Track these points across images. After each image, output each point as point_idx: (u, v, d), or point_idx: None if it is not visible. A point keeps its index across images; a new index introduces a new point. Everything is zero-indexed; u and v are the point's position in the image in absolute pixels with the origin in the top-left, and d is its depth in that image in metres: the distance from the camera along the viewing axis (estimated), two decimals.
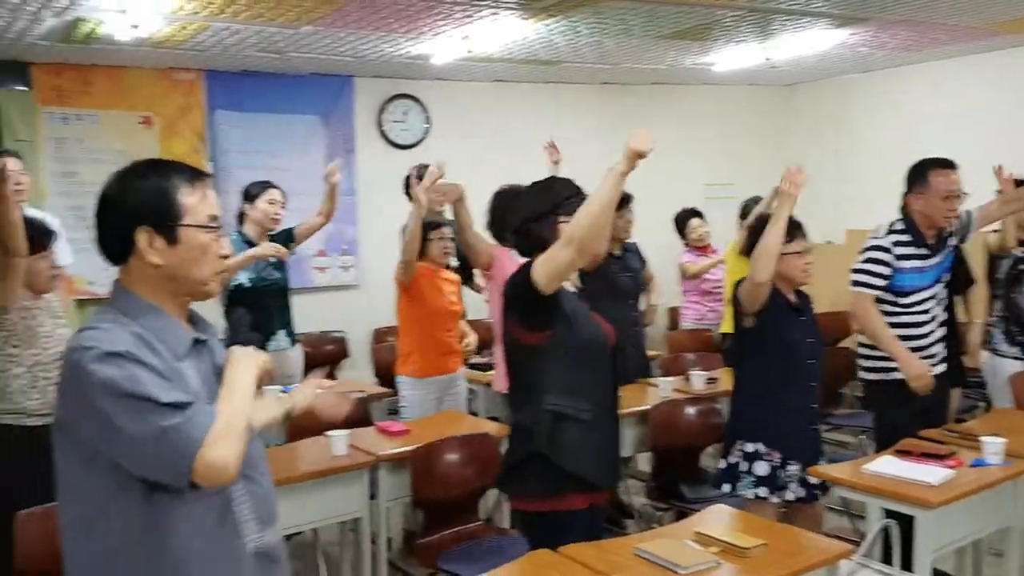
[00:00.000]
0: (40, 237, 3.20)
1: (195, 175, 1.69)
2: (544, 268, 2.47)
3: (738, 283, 3.30)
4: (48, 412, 3.09)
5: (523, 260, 2.68)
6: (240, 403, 1.61)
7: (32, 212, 4.13)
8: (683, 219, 6.00)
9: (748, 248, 3.36)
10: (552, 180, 2.81)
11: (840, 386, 5.40)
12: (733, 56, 5.99)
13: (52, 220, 3.96)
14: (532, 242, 2.63)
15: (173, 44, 4.94)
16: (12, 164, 4.24)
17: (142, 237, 1.61)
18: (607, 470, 2.66)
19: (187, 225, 1.64)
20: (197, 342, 1.69)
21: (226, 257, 1.72)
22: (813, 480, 3.20)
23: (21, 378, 3.09)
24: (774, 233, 3.10)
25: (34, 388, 3.10)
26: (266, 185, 4.42)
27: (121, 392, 1.49)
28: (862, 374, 3.78)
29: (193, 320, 1.75)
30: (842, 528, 4.05)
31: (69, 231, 4.71)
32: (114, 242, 1.65)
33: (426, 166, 4.65)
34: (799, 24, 5.10)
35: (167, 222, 1.63)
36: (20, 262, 3.05)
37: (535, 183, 2.82)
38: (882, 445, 3.45)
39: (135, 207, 1.62)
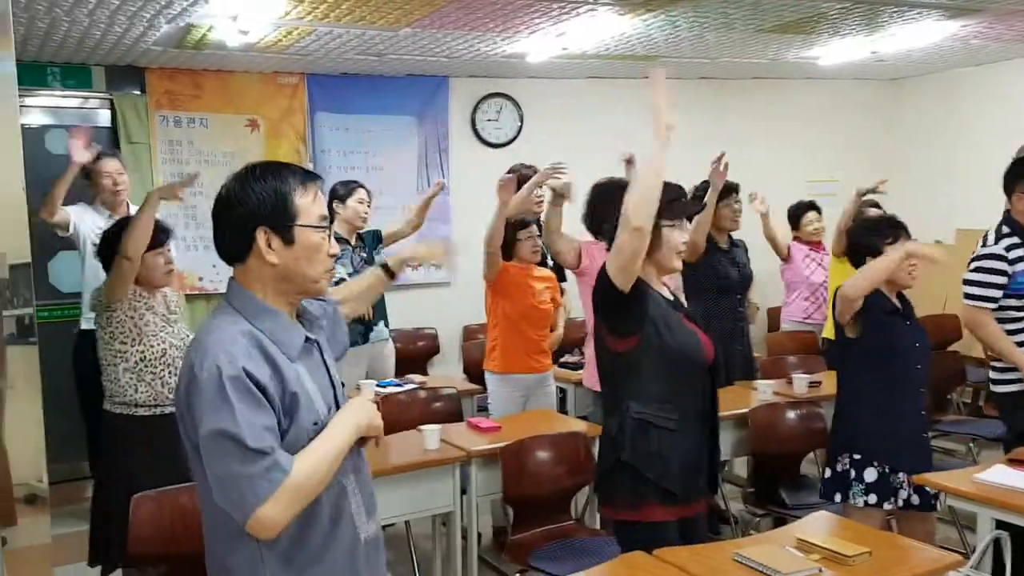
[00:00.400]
0: (158, 234, 3.33)
1: (307, 177, 1.75)
2: (613, 259, 2.49)
3: (837, 290, 3.21)
4: (155, 403, 3.23)
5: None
6: (321, 463, 1.64)
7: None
8: (799, 212, 5.69)
9: (843, 250, 3.29)
10: None
11: (948, 391, 5.18)
12: (838, 50, 5.80)
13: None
14: None
15: (279, 49, 5.09)
16: (112, 165, 4.48)
17: (261, 237, 1.67)
18: (692, 482, 2.58)
19: (302, 225, 1.69)
20: (308, 340, 1.75)
21: (334, 256, 1.77)
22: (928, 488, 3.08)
23: (129, 372, 3.23)
24: (886, 264, 3.06)
25: (141, 382, 3.24)
26: (353, 185, 4.54)
27: (217, 428, 1.56)
28: (994, 387, 3.65)
29: (299, 313, 1.81)
30: (950, 539, 3.88)
31: (181, 230, 4.92)
32: (233, 242, 1.71)
33: (527, 166, 4.69)
34: (908, 16, 4.90)
35: (284, 223, 1.68)
36: (128, 265, 3.19)
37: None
38: None
39: (254, 208, 1.68)
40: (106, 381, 3.31)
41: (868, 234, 3.25)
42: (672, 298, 2.70)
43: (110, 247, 3.28)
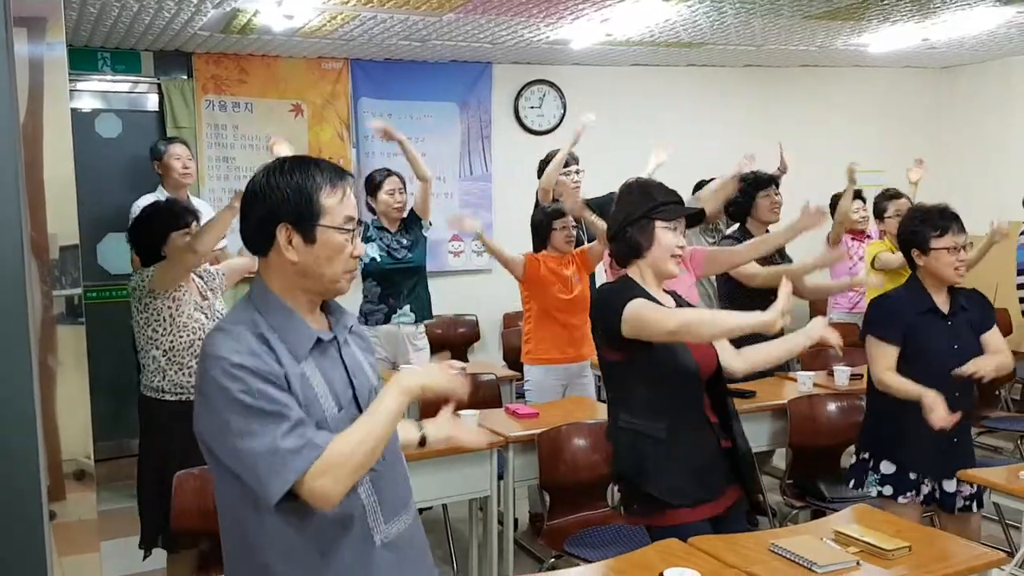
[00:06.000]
0: (185, 215, 3.34)
1: (336, 176, 1.71)
2: (635, 326, 2.45)
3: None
4: (180, 391, 3.28)
5: None
6: (368, 433, 1.61)
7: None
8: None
9: (902, 244, 3.15)
10: (648, 184, 2.70)
11: (996, 388, 5.07)
12: (888, 37, 5.68)
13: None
14: (629, 246, 2.57)
15: (323, 34, 5.13)
16: (181, 149, 4.72)
17: (282, 233, 1.65)
18: (692, 488, 2.50)
19: (325, 226, 1.66)
20: (320, 341, 1.70)
21: (357, 257, 1.73)
22: (964, 489, 3.03)
23: (158, 360, 3.27)
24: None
25: (169, 370, 3.27)
26: (384, 175, 4.54)
27: (242, 404, 1.55)
28: None
29: (330, 310, 1.78)
30: (994, 537, 3.81)
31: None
32: (256, 235, 1.69)
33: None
34: (961, 2, 4.78)
35: (306, 221, 1.66)
36: (193, 259, 3.22)
37: (630, 186, 2.68)
38: None
39: (277, 204, 1.66)
40: (141, 365, 3.36)
41: (918, 225, 3.06)
42: (673, 305, 2.62)
43: (147, 235, 3.30)
